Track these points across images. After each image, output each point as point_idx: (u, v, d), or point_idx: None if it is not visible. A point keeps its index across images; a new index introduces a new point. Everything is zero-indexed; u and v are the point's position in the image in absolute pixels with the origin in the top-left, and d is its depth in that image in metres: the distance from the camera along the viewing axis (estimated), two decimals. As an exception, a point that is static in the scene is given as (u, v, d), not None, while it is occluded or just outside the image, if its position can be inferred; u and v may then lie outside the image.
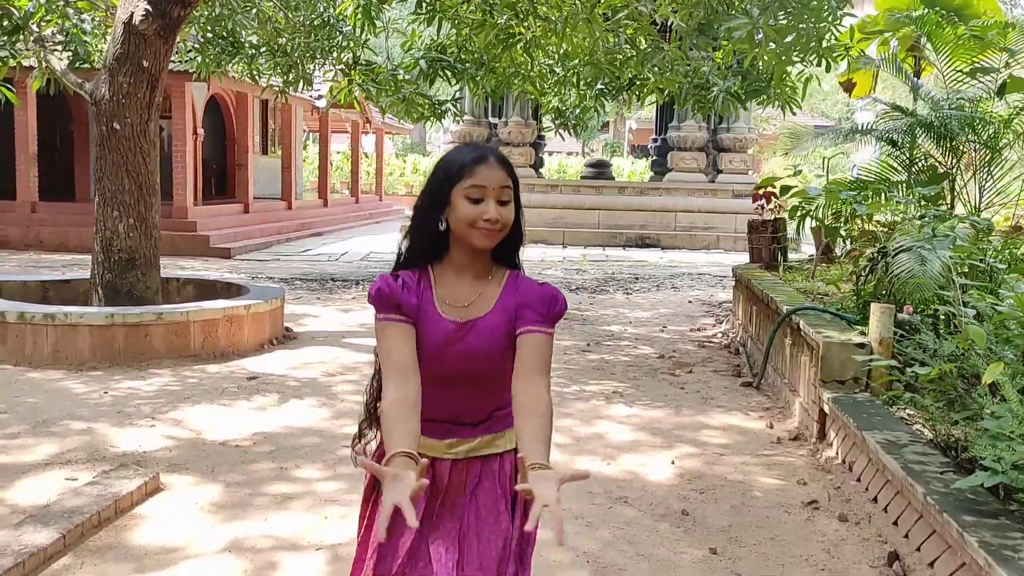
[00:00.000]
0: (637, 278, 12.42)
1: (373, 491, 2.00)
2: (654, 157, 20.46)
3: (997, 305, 3.56)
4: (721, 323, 8.63)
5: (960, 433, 3.29)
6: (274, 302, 7.16)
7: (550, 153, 31.89)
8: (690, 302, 10.27)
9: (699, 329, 8.45)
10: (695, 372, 6.51)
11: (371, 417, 2.06)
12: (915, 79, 6.49)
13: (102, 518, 3.54)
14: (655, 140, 20.52)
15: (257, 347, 6.86)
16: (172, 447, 4.55)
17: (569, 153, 39.54)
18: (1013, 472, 2.83)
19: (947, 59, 5.31)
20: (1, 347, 6.25)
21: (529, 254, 16.30)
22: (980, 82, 4.90)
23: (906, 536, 3.28)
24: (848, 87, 9.35)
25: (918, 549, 3.15)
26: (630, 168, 31.64)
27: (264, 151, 20.67)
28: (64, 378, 5.89)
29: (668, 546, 3.44)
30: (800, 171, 7.87)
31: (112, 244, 6.93)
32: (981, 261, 4.06)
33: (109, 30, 8.17)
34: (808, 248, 11.49)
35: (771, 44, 3.96)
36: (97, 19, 8.29)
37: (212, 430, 4.83)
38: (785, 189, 7.12)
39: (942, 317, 4.08)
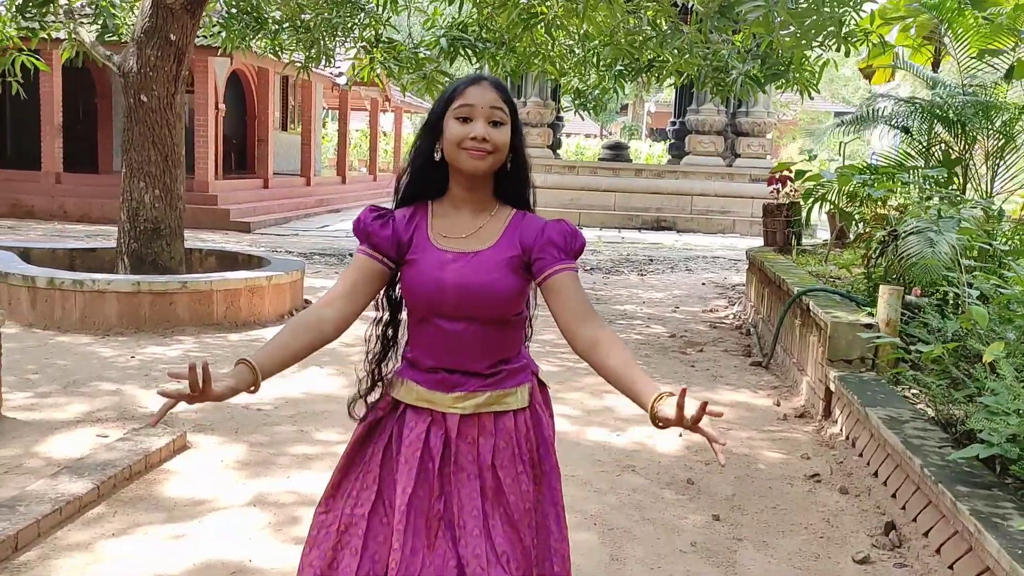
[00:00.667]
0: (652, 260, 12.51)
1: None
2: (672, 140, 20.46)
3: (1002, 287, 3.65)
4: (733, 305, 8.73)
5: (960, 411, 3.40)
6: (294, 274, 7.32)
7: (568, 135, 31.89)
8: (703, 284, 10.36)
9: (711, 310, 8.55)
10: (705, 351, 6.63)
11: (376, 361, 2.00)
12: (928, 69, 6.54)
13: (133, 471, 3.71)
14: (673, 123, 20.51)
15: (277, 317, 7.03)
16: (197, 409, 4.71)
17: (587, 135, 39.48)
18: (1007, 445, 2.94)
19: (963, 46, 5.35)
20: (31, 311, 6.44)
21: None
22: (989, 65, 4.93)
23: (903, 508, 3.40)
24: (868, 74, 9.35)
25: (914, 520, 3.27)
26: (648, 151, 31.57)
27: (284, 127, 20.82)
28: (92, 342, 6.08)
29: (673, 511, 3.58)
30: (815, 156, 7.91)
31: (138, 214, 7.10)
32: (988, 245, 4.14)
33: (137, 3, 8.31)
34: (824, 234, 11.53)
35: (789, 27, 4.03)
36: (126, -8, 8.42)
37: (235, 394, 5.00)
38: (800, 174, 7.19)
39: (949, 299, 4.17)
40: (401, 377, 1.94)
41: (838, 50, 7.10)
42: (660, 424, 1.65)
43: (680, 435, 4.58)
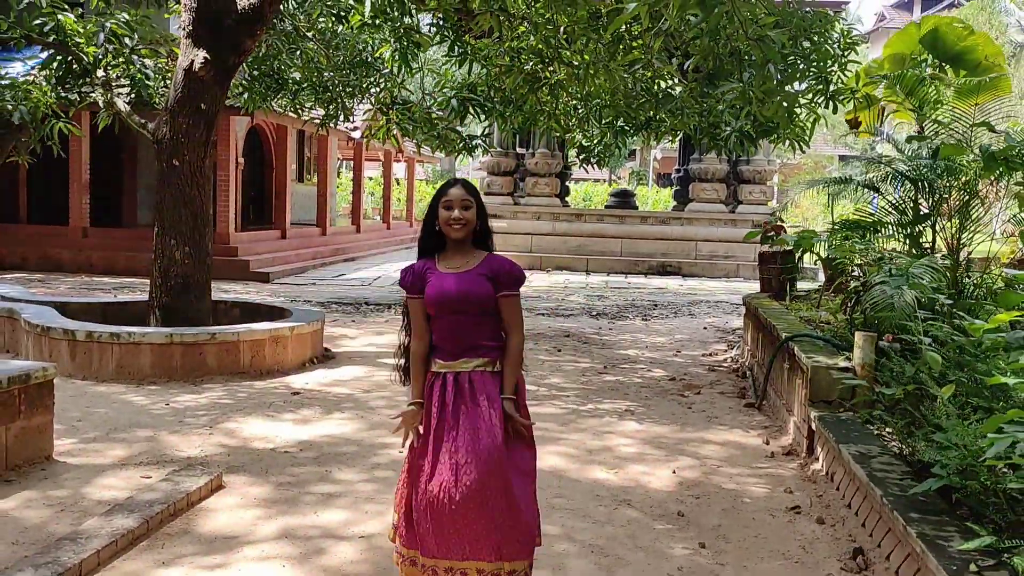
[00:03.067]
0: (656, 305, 12.93)
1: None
2: (677, 187, 21.00)
3: (955, 335, 4.04)
4: (732, 348, 9.11)
5: (920, 447, 3.78)
6: (315, 324, 7.78)
7: (577, 181, 32.54)
8: (705, 328, 10.75)
9: (711, 354, 8.93)
10: (703, 393, 7.01)
11: (404, 350, 3.30)
12: (910, 124, 6.99)
13: (177, 508, 4.12)
14: (678, 170, 21.07)
15: (299, 365, 7.47)
16: (228, 452, 5.14)
17: (596, 180, 40.18)
18: (955, 477, 3.32)
19: (927, 112, 5.83)
20: (70, 362, 6.91)
21: (553, 280, 16.78)
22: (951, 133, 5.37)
23: (871, 535, 3.76)
24: (854, 124, 9.84)
25: (878, 545, 3.64)
26: (655, 197, 32.16)
27: (300, 179, 21.52)
28: (128, 391, 6.52)
29: (663, 540, 3.95)
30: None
31: (169, 270, 7.59)
32: (934, 297, 4.53)
33: (169, 74, 8.92)
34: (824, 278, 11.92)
35: (760, 103, 4.50)
36: (159, 64, 9.04)
37: (262, 438, 5.42)
38: (781, 242, 7.65)
39: (914, 346, 4.56)
40: (434, 359, 3.19)
41: (826, 107, 7.61)
42: None
43: (674, 472, 4.96)
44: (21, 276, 14.18)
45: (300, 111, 11.34)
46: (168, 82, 8.64)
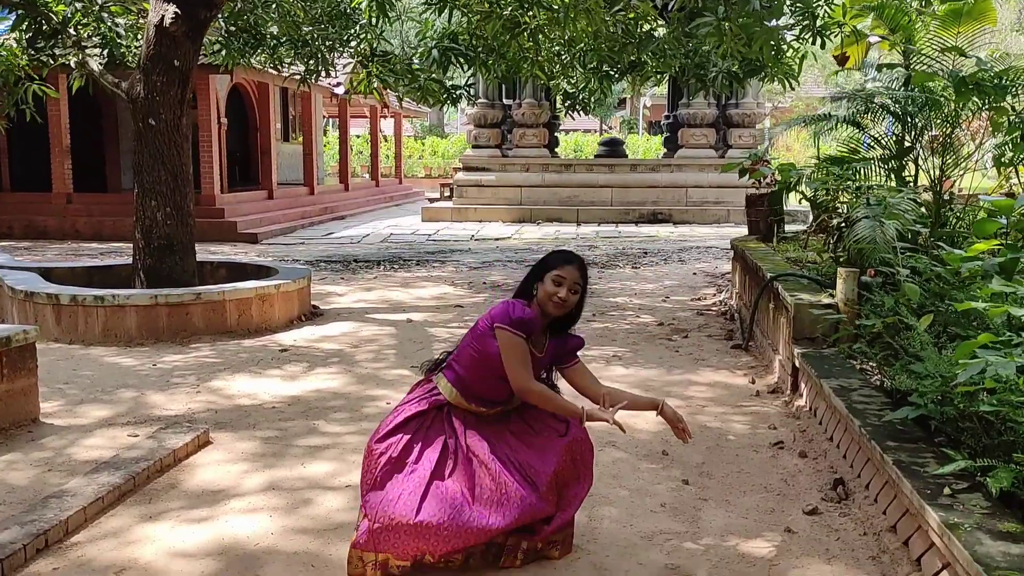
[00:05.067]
0: (646, 253, 12.91)
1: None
2: (666, 134, 20.83)
3: (933, 265, 4.03)
4: (721, 292, 9.12)
5: (899, 376, 3.79)
6: (301, 282, 7.75)
7: (567, 132, 32.27)
8: (694, 274, 10.75)
9: (700, 299, 8.94)
10: (691, 337, 7.03)
11: (438, 364, 3.27)
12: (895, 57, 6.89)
13: (163, 465, 4.14)
14: (667, 117, 20.87)
15: (287, 323, 7.46)
16: (215, 409, 5.15)
17: (586, 131, 39.85)
18: (931, 406, 3.33)
19: (911, 41, 5.73)
20: (56, 327, 6.89)
21: (544, 231, 16.72)
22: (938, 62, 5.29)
23: (851, 465, 3.80)
24: (841, 60, 9.69)
25: (858, 475, 3.67)
26: (645, 145, 31.92)
27: (286, 138, 21.29)
28: (114, 354, 6.52)
29: (647, 479, 3.98)
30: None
31: (152, 232, 7.53)
32: (914, 230, 4.51)
33: (141, 32, 8.75)
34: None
35: (738, 39, 4.41)
36: (130, 22, 8.86)
37: (249, 395, 5.43)
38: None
39: (897, 278, 4.55)
40: (450, 384, 3.16)
41: (813, 43, 7.49)
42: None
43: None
44: (7, 244, 14.08)
45: (280, 67, 11.15)
46: (140, 40, 8.48)
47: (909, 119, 5.44)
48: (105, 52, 8.60)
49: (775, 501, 3.71)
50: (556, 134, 20.78)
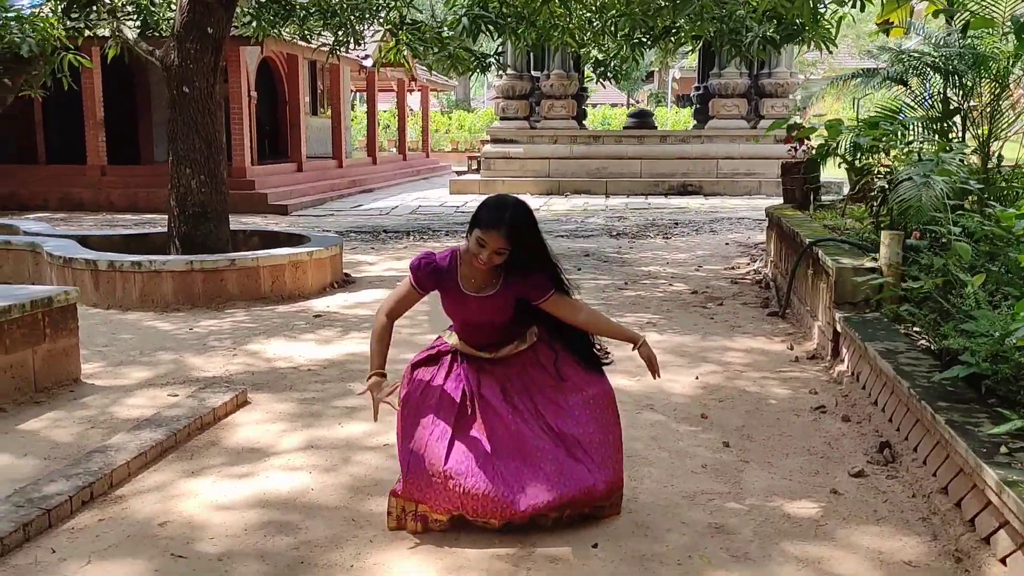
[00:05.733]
0: (677, 223, 12.78)
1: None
2: (696, 106, 20.55)
3: (985, 224, 3.92)
4: (755, 262, 9.00)
5: (950, 336, 3.70)
6: (333, 249, 7.76)
7: (594, 105, 31.97)
8: (727, 244, 10.63)
9: (733, 268, 8.84)
10: (725, 305, 6.95)
11: None
12: (937, 20, 6.70)
13: (203, 423, 4.17)
14: (697, 88, 20.59)
15: (319, 290, 7.48)
16: (252, 371, 5.17)
17: (613, 104, 39.46)
18: (984, 364, 3.25)
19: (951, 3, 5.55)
20: (94, 292, 6.96)
21: (573, 203, 16.68)
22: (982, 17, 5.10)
23: (897, 429, 3.73)
24: (886, 28, 9.46)
25: (905, 438, 3.60)
26: (674, 118, 31.55)
27: (314, 112, 21.29)
28: (152, 318, 6.58)
29: (687, 441, 3.94)
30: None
31: (186, 199, 7.57)
32: (967, 186, 4.38)
33: (174, 0, 8.74)
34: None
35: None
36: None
37: (285, 358, 5.45)
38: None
39: (944, 241, 4.44)
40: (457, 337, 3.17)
41: (853, 6, 7.30)
42: None
43: (696, 377, 4.93)
44: (44, 216, 14.26)
45: (309, 38, 11.12)
46: (174, 8, 8.47)
47: (957, 77, 5.27)
48: (139, 21, 8.60)
49: (819, 464, 3.65)
50: (584, 106, 20.59)
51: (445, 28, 9.89)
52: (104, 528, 3.11)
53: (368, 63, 17.81)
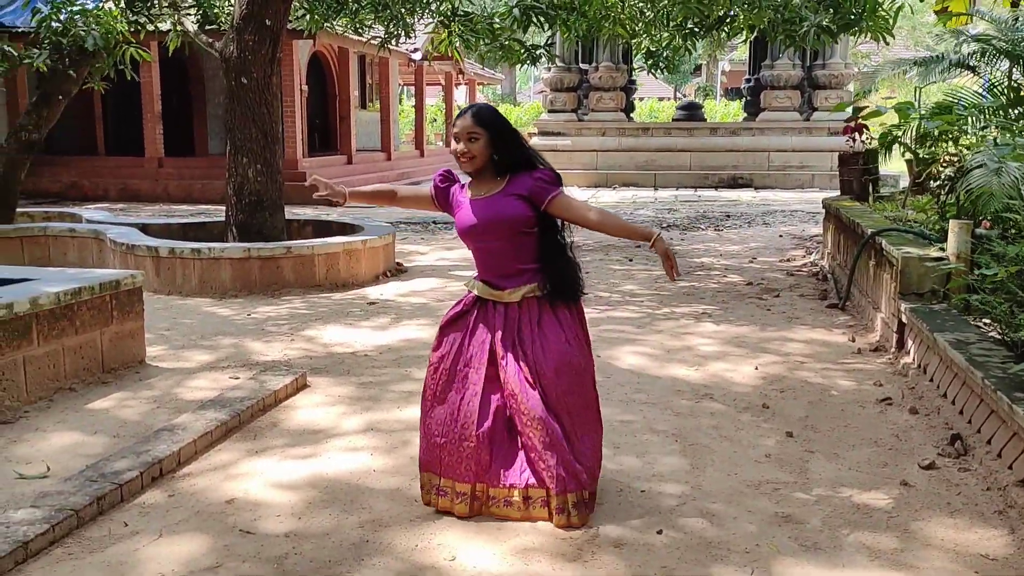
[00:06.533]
0: (728, 216, 12.61)
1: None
2: (747, 98, 20.24)
3: (1064, 211, 3.79)
4: (811, 254, 8.85)
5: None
6: (387, 238, 7.82)
7: (641, 99, 31.68)
8: (780, 236, 10.46)
9: (788, 260, 8.69)
10: (782, 296, 6.83)
11: None
12: (1004, 8, 6.49)
13: (265, 404, 4.23)
14: (748, 80, 20.27)
15: (373, 278, 7.54)
16: (310, 356, 5.24)
17: (661, 98, 39.12)
18: (1065, 355, 3.14)
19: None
20: (155, 278, 7.11)
21: (621, 196, 16.59)
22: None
23: (969, 421, 3.63)
24: (945, 17, 9.22)
25: (978, 431, 3.50)
26: (723, 111, 31.14)
27: (363, 105, 21.46)
28: (210, 304, 6.70)
29: (749, 431, 3.89)
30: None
31: (243, 188, 7.69)
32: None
33: (232, -8, 8.87)
34: (906, 184, 11.41)
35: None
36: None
37: (342, 343, 5.51)
38: (875, 115, 7.25)
39: (1016, 230, 4.30)
40: (477, 280, 3.15)
41: (911, -6, 7.11)
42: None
43: (756, 368, 4.86)
44: (104, 206, 14.61)
45: (361, 31, 11.20)
46: (232, 1, 8.60)
47: (1031, 63, 5.10)
48: (198, 14, 8.75)
49: (887, 456, 3.57)
50: (632, 99, 20.42)
51: (496, 19, 9.89)
52: (173, 504, 3.17)
53: (417, 56, 17.90)
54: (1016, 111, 5.30)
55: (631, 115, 20.05)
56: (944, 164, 5.47)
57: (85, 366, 4.60)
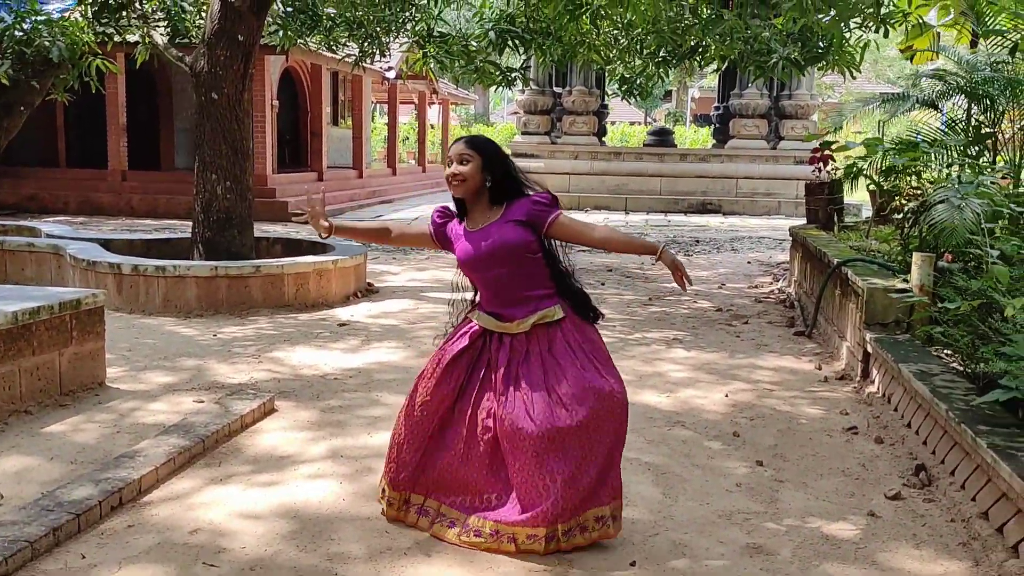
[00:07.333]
0: (698, 241, 12.74)
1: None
2: (716, 125, 20.52)
3: (1023, 248, 3.87)
4: (778, 281, 8.95)
5: (984, 364, 3.65)
6: (358, 258, 7.76)
7: (613, 123, 31.98)
8: (748, 263, 10.58)
9: (756, 286, 8.78)
10: (751, 323, 6.90)
11: (464, 296, 3.23)
12: (964, 47, 6.67)
13: (231, 430, 4.15)
14: (717, 108, 20.57)
15: (344, 299, 7.48)
16: (278, 379, 5.16)
17: (632, 122, 39.50)
18: (1027, 388, 3.19)
19: (986, 24, 5.52)
20: (117, 296, 6.98)
21: (592, 219, 16.62)
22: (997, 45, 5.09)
23: (933, 452, 3.67)
24: (910, 55, 9.44)
25: (942, 461, 3.55)
26: (693, 136, 31.54)
27: (335, 122, 21.39)
28: (175, 323, 6.58)
29: (720, 459, 3.90)
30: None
31: (211, 205, 7.59)
32: (1009, 209, 4.34)
33: (205, 7, 8.81)
34: (869, 214, 11.62)
35: (819, 14, 4.28)
36: (194, -3, 8.93)
37: (311, 366, 5.44)
38: (827, 144, 7.41)
39: (976, 264, 4.39)
40: (481, 311, 3.11)
41: (877, 31, 7.28)
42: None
43: (726, 395, 4.89)
44: (64, 219, 14.34)
45: (335, 48, 11.17)
46: (204, 15, 8.54)
47: (989, 102, 5.23)
48: (169, 27, 8.67)
49: (855, 485, 3.60)
50: (604, 123, 20.60)
51: (472, 41, 9.94)
52: (134, 534, 3.09)
53: (391, 75, 17.90)
54: (976, 148, 5.44)
55: (603, 139, 20.22)
56: (907, 197, 5.59)
57: (42, 388, 4.48)
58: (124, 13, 8.34)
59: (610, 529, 2.93)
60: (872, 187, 7.21)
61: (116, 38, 8.70)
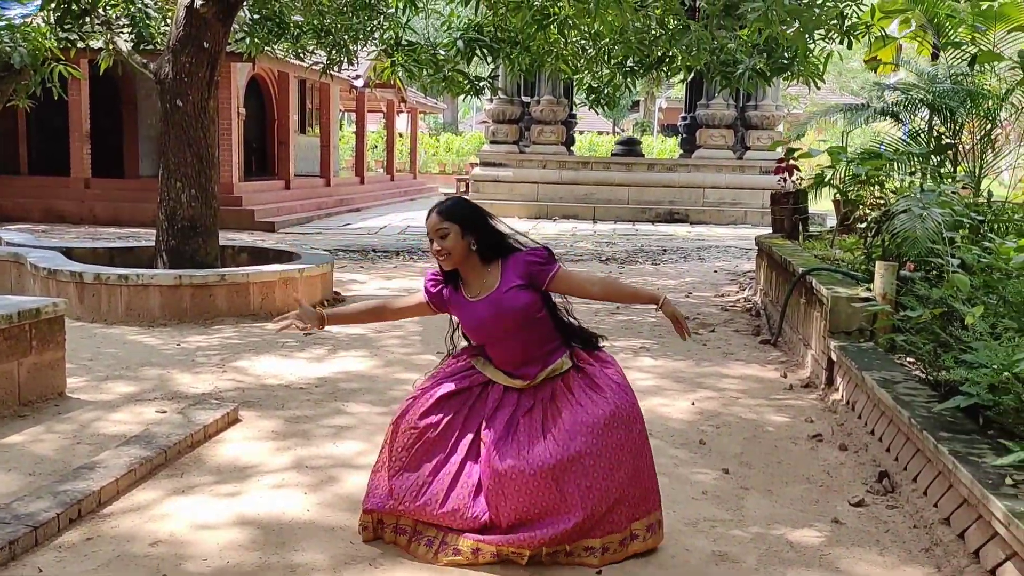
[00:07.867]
0: (665, 250, 12.83)
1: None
2: (683, 135, 20.74)
3: (983, 257, 3.95)
4: (744, 290, 9.04)
5: (946, 371, 3.71)
6: (324, 267, 7.70)
7: (581, 132, 32.17)
8: (715, 272, 10.67)
9: (722, 295, 8.86)
10: (717, 331, 6.95)
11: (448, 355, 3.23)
12: (926, 60, 6.82)
13: (193, 440, 4.08)
14: (684, 118, 20.79)
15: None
16: (242, 388, 5.09)
17: (600, 132, 39.72)
18: (986, 394, 3.25)
19: (946, 36, 5.65)
20: (79, 305, 6.85)
21: (561, 228, 16.70)
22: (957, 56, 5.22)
23: (896, 459, 3.72)
24: (874, 66, 9.62)
25: (905, 468, 3.59)
26: (660, 146, 31.82)
27: (302, 130, 21.26)
28: (138, 333, 6.47)
29: (686, 467, 3.91)
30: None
31: (176, 213, 7.49)
32: (970, 218, 4.43)
33: (170, 14, 8.71)
34: (834, 223, 11.79)
35: (784, 25, 4.34)
36: (159, 3, 8.83)
37: (276, 375, 5.38)
38: (791, 152, 7.51)
39: (938, 272, 4.47)
40: (489, 365, 3.09)
41: (841, 43, 7.40)
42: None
43: (693, 403, 4.91)
44: (25, 227, 14.08)
45: (302, 56, 11.11)
46: (169, 21, 8.44)
47: (949, 114, 5.35)
48: (133, 33, 8.56)
49: (819, 492, 3.63)
50: (572, 132, 20.72)
51: (440, 50, 9.94)
52: (93, 547, 3.02)
53: (359, 83, 17.84)
54: (937, 159, 5.55)
55: (571, 148, 20.33)
56: (871, 207, 5.68)
57: (0, 398, 4.38)
58: (87, 19, 8.22)
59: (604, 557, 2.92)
60: (837, 196, 7.32)
61: (79, 44, 8.58)
